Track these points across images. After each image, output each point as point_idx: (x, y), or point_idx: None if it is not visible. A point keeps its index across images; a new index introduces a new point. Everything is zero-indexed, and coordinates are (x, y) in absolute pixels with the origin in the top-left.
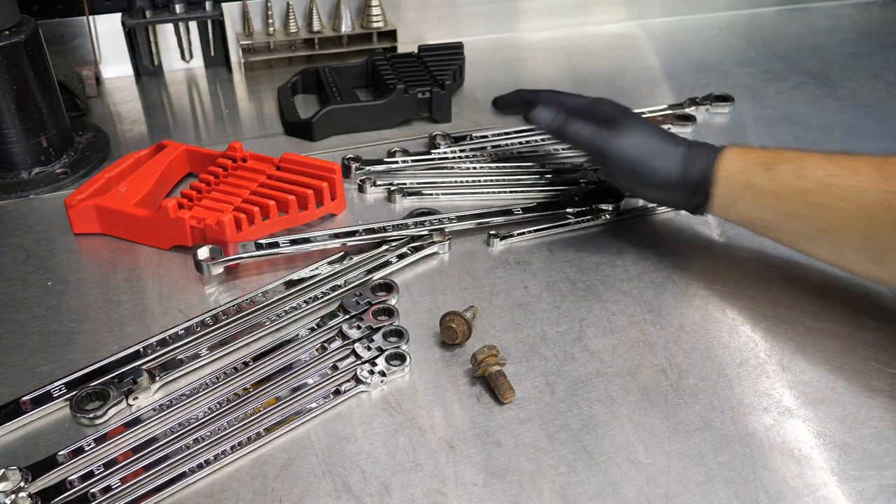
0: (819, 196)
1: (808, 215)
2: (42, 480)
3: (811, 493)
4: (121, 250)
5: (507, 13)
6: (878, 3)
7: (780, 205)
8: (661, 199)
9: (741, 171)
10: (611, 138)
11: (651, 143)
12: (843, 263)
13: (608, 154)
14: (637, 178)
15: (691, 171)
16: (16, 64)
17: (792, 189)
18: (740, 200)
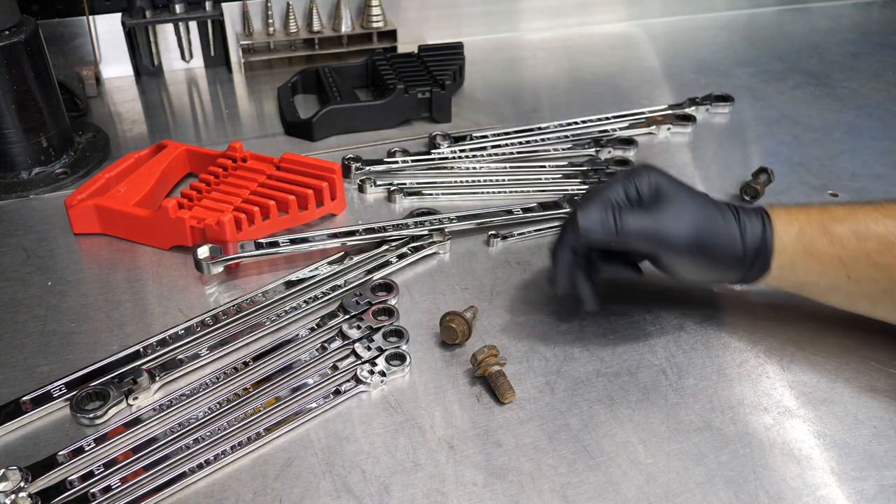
0: (884, 256)
1: (872, 277)
2: (42, 480)
3: (811, 493)
4: (121, 250)
5: (507, 13)
6: (878, 3)
7: (843, 268)
8: (716, 279)
9: (799, 237)
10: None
11: (707, 220)
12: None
13: (670, 244)
14: (702, 263)
15: (750, 244)
16: (16, 64)
17: (855, 252)
18: (799, 268)
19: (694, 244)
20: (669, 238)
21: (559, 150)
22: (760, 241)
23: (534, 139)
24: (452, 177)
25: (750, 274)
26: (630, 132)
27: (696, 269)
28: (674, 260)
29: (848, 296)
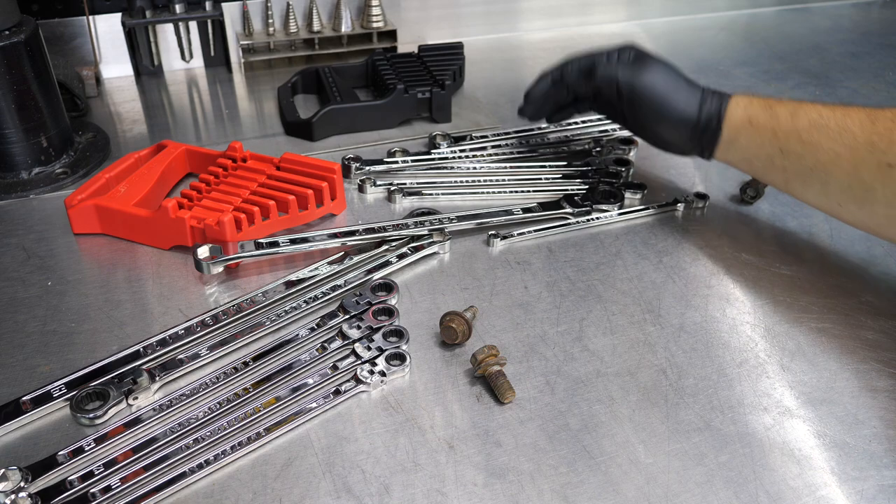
0: (810, 135)
1: (799, 153)
2: (42, 480)
3: (811, 493)
4: (121, 250)
5: (507, 13)
6: (878, 3)
7: (776, 141)
8: (673, 139)
9: (745, 108)
10: (638, 73)
11: (673, 82)
12: (830, 206)
13: (634, 87)
14: (658, 113)
15: (706, 110)
16: (16, 64)
17: (787, 127)
18: (742, 135)
19: (651, 92)
20: (629, 82)
21: (559, 150)
22: (717, 108)
23: (534, 139)
24: (452, 177)
25: (703, 138)
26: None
27: (654, 120)
28: (636, 104)
29: (781, 171)
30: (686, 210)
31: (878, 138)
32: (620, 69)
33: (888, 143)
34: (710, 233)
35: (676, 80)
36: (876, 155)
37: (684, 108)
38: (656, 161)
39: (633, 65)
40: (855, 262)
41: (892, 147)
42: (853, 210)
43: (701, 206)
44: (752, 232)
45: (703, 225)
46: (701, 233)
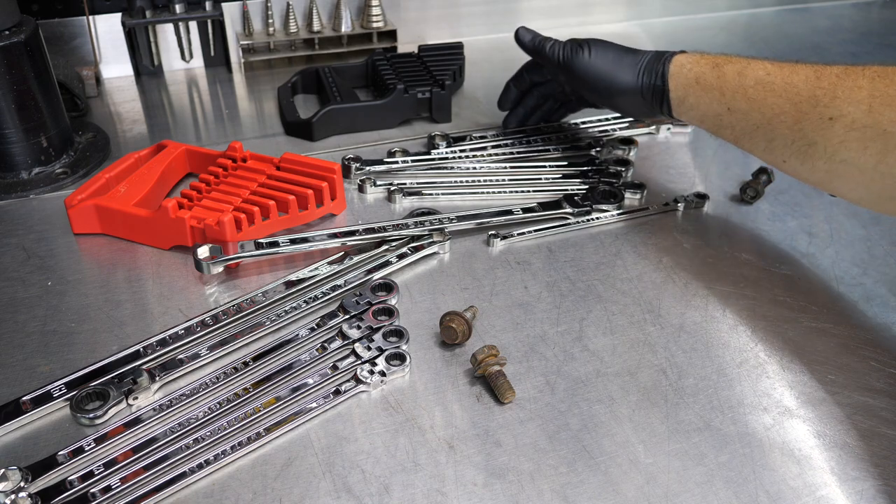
0: (756, 92)
1: (745, 110)
2: (42, 480)
3: (811, 493)
4: (121, 250)
5: (507, 13)
6: (878, 3)
7: (724, 99)
8: (628, 106)
9: (691, 68)
10: (577, 53)
11: (612, 56)
12: (776, 161)
13: (573, 66)
14: (600, 87)
15: (649, 75)
16: (16, 64)
17: (734, 85)
18: (690, 94)
19: (589, 70)
20: (568, 61)
21: (559, 150)
22: (660, 71)
23: (534, 139)
24: (452, 177)
25: (654, 101)
26: (630, 132)
27: (600, 94)
28: (578, 83)
29: (730, 129)
30: (686, 210)
31: (821, 92)
32: (559, 54)
33: (831, 97)
34: (710, 233)
35: (614, 53)
36: (818, 109)
37: (625, 78)
38: (656, 161)
39: (569, 48)
40: (855, 263)
41: (835, 101)
42: (796, 165)
43: (701, 206)
44: (752, 232)
45: (703, 225)
46: (701, 233)
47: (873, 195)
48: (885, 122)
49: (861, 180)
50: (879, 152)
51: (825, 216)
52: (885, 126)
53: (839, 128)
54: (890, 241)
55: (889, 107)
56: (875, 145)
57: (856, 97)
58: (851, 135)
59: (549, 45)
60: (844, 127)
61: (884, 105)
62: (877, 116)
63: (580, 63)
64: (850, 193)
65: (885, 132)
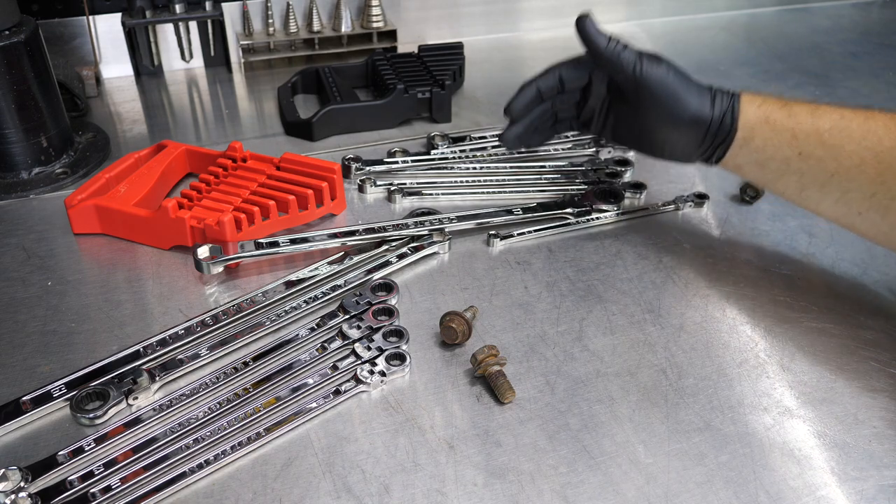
0: (833, 137)
1: (820, 156)
2: (42, 480)
3: (811, 493)
4: (121, 250)
5: (507, 13)
6: (878, 3)
7: (795, 143)
8: (683, 142)
9: (760, 106)
10: (653, 65)
11: (684, 78)
12: (850, 216)
13: (648, 79)
14: (670, 111)
15: (719, 107)
16: (16, 64)
17: (808, 127)
18: (757, 136)
19: (664, 86)
20: (644, 72)
21: (559, 150)
22: (729, 106)
23: None
24: (452, 177)
25: (716, 140)
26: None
27: (665, 117)
28: (647, 98)
29: (798, 177)
30: (686, 210)
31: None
32: (637, 64)
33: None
34: (710, 233)
35: (686, 77)
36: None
37: (698, 107)
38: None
39: (646, 59)
40: (855, 263)
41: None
42: (876, 220)
43: (701, 206)
44: (752, 232)
45: (703, 225)
46: (701, 233)
47: None
48: None
49: None
50: None
51: None
52: None
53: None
54: None
55: None
56: None
57: None
58: None
59: (623, 51)
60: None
61: None
62: None
63: (658, 78)
64: None
65: None
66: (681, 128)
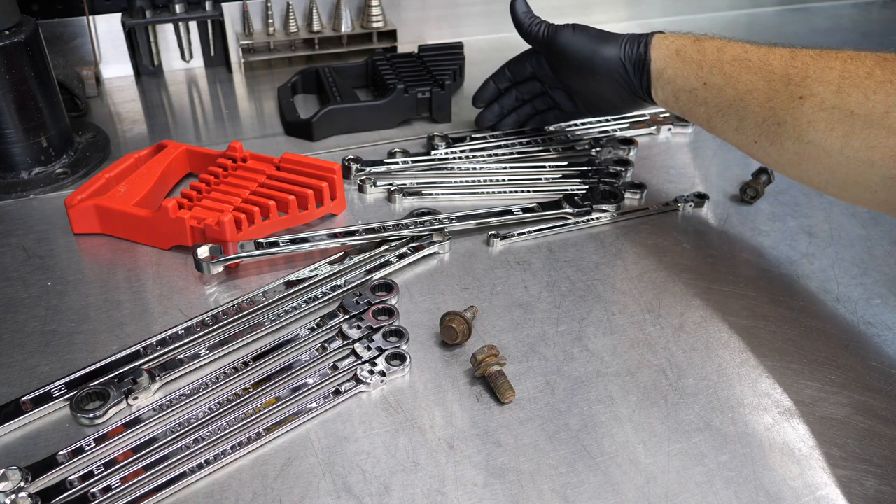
0: (732, 68)
1: (721, 85)
2: (42, 480)
3: (811, 493)
4: (121, 250)
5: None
6: (878, 3)
7: (701, 73)
8: (607, 86)
9: (673, 41)
10: (559, 31)
11: (594, 33)
12: (747, 143)
13: (556, 42)
14: (582, 61)
15: (631, 47)
16: (16, 64)
17: (712, 59)
18: (670, 66)
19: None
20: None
21: (559, 150)
22: (642, 45)
23: (534, 139)
24: (452, 177)
25: (635, 78)
26: (630, 132)
27: (583, 74)
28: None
29: (704, 106)
30: (686, 210)
31: (794, 71)
32: (543, 31)
33: (803, 76)
34: (710, 233)
35: (596, 31)
36: (790, 87)
37: (609, 53)
38: (656, 161)
39: (553, 26)
40: (855, 262)
41: (806, 80)
42: (766, 146)
43: (701, 206)
44: (752, 232)
45: (703, 225)
46: (701, 233)
47: (838, 179)
48: (852, 103)
49: (827, 163)
50: (845, 134)
51: (825, 216)
52: (851, 107)
53: (808, 107)
54: (890, 241)
55: (857, 88)
56: (841, 126)
57: (826, 77)
58: (819, 115)
59: (535, 22)
60: (813, 107)
61: (852, 86)
62: (844, 97)
63: (563, 39)
64: (816, 178)
65: (851, 113)
66: (598, 75)
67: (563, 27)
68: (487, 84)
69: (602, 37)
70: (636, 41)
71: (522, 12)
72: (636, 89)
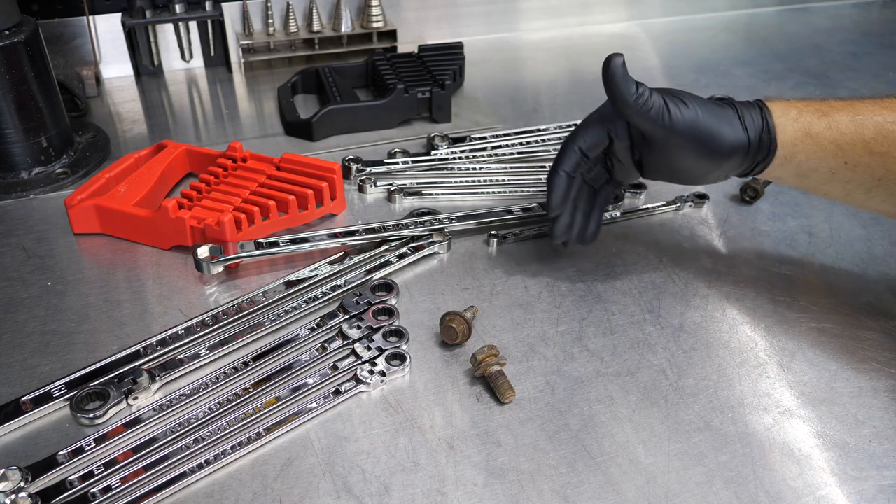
0: (879, 145)
1: (868, 164)
2: (42, 480)
3: (811, 493)
4: (121, 250)
5: (507, 13)
6: (878, 3)
7: (840, 153)
8: (721, 170)
9: (797, 118)
10: (681, 109)
11: (712, 112)
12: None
13: (678, 125)
14: (706, 148)
15: (753, 128)
16: (16, 64)
17: (851, 137)
18: (800, 151)
19: (695, 125)
20: (674, 118)
21: None
22: (761, 121)
23: (534, 139)
24: (452, 177)
25: (756, 158)
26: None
27: (704, 155)
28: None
29: (845, 184)
30: (686, 210)
31: None
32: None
33: None
34: (710, 233)
35: (713, 109)
36: None
37: (733, 137)
38: None
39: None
40: (855, 262)
41: None
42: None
43: (701, 206)
44: (752, 232)
45: (703, 225)
46: (701, 233)
47: None
48: None
49: None
50: None
51: (825, 216)
52: None
53: None
54: (890, 241)
55: None
56: None
57: None
58: None
59: (648, 99)
60: None
61: None
62: None
63: (688, 122)
64: None
65: None
66: (719, 161)
67: (683, 104)
68: (558, 180)
69: (720, 115)
70: (753, 118)
71: (625, 80)
72: (746, 170)
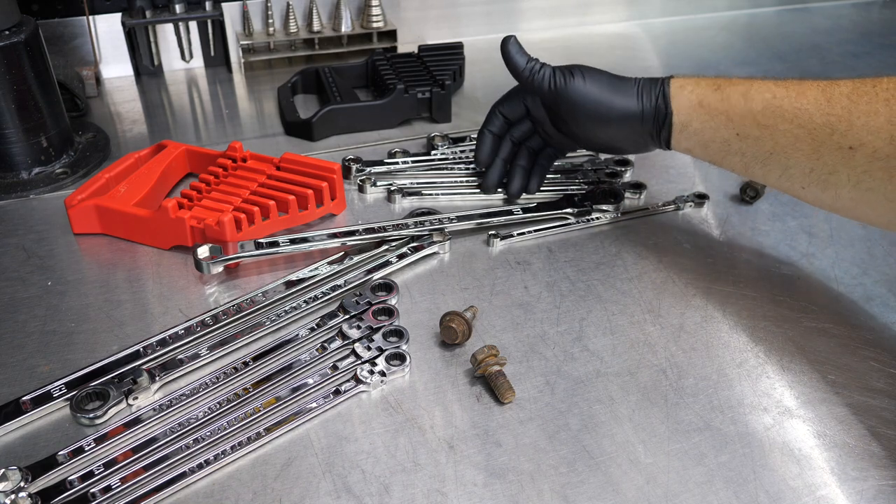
0: (766, 117)
1: (756, 136)
2: (42, 480)
3: (811, 493)
4: (121, 250)
5: (507, 13)
6: (878, 3)
7: (731, 125)
8: (623, 136)
9: (693, 90)
10: (567, 80)
11: (606, 80)
12: (793, 188)
13: (567, 93)
14: (598, 113)
15: (647, 99)
16: (16, 64)
17: (741, 110)
18: (694, 120)
19: (584, 96)
20: (561, 89)
21: None
22: (658, 95)
23: None
24: (452, 177)
25: (654, 127)
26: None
27: (596, 123)
28: (573, 111)
29: (740, 156)
30: (686, 210)
31: (835, 119)
32: (550, 81)
33: (847, 125)
34: (710, 233)
35: (608, 78)
36: (835, 137)
37: (624, 104)
38: (656, 161)
39: (561, 74)
40: (855, 263)
41: (852, 129)
42: (817, 193)
43: (701, 206)
44: (752, 232)
45: (703, 225)
46: (701, 233)
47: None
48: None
49: (889, 206)
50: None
51: (825, 216)
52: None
53: (860, 157)
54: (890, 241)
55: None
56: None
57: (874, 125)
58: (875, 164)
59: (538, 72)
60: (866, 157)
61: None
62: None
63: (575, 89)
64: (877, 219)
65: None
66: (614, 126)
67: (570, 75)
68: (484, 137)
69: (615, 85)
70: (652, 91)
71: (517, 55)
72: (654, 139)
